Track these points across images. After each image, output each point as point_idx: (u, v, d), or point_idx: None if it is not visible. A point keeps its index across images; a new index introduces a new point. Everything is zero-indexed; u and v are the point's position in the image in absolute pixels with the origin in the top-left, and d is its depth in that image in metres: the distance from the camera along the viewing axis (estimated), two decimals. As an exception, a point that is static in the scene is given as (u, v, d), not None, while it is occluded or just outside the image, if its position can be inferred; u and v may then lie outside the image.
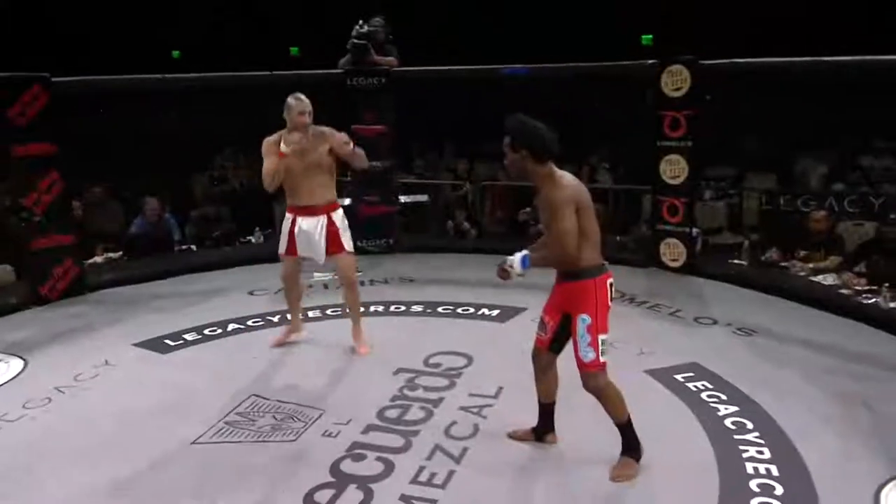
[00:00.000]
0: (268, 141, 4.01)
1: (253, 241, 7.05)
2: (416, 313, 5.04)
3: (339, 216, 4.13)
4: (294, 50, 10.38)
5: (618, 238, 6.46)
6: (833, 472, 2.98)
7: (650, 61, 5.74)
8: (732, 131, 7.39)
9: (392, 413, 3.56)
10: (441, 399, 3.70)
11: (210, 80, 6.51)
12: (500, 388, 3.78)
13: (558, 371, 3.17)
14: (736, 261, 5.87)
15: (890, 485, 2.88)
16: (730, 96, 5.91)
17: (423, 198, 7.22)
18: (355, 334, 4.30)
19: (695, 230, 5.86)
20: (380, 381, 3.90)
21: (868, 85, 4.71)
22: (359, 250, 6.57)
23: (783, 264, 5.57)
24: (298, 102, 3.95)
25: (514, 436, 3.30)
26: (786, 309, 5.00)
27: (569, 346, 3.00)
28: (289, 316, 4.49)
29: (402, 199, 7.04)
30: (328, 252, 4.08)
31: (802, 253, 5.53)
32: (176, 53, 10.93)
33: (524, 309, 4.93)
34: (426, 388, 3.82)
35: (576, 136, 7.65)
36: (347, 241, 4.16)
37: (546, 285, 3.10)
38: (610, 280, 2.91)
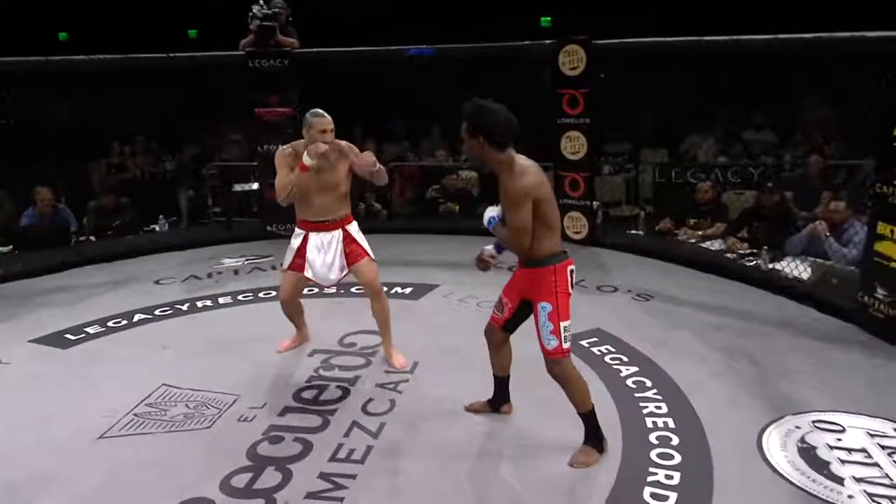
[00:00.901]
0: (283, 152, 3.66)
1: (157, 229, 6.84)
2: (331, 294, 5.04)
3: (354, 228, 3.81)
4: (192, 33, 10.00)
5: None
6: (721, 420, 3.24)
7: (548, 41, 5.93)
8: (629, 109, 7.74)
9: (308, 394, 3.59)
10: (357, 377, 3.75)
11: (100, 63, 6.20)
12: (416, 363, 3.88)
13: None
14: (633, 231, 6.20)
15: (770, 428, 3.17)
16: (625, 75, 6.18)
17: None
18: (387, 348, 3.92)
19: (595, 203, 6.14)
20: (295, 364, 3.91)
21: (746, 63, 5.08)
22: (269, 234, 6.57)
23: (675, 232, 5.93)
24: (320, 119, 3.56)
25: (470, 408, 3.37)
26: (678, 274, 5.36)
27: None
28: (293, 328, 4.12)
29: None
30: (349, 263, 3.74)
31: (692, 221, 5.91)
32: (62, 35, 10.28)
33: (437, 286, 5.04)
34: (342, 368, 3.86)
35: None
36: (368, 248, 3.82)
37: (459, 263, 3.18)
38: (571, 267, 2.86)
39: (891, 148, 3.88)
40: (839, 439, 3.07)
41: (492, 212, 2.97)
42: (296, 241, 3.77)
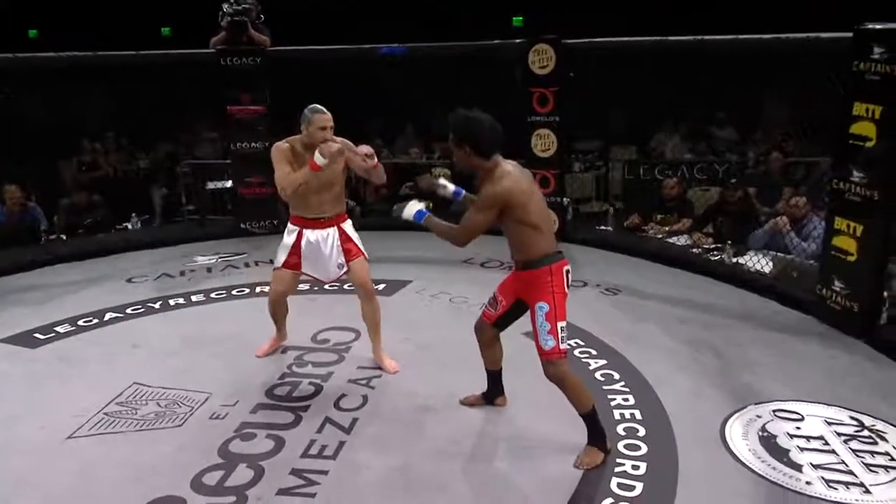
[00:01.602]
0: (280, 148, 3.57)
1: (130, 227, 6.77)
2: (303, 291, 5.03)
3: (348, 225, 3.78)
4: (166, 31, 9.90)
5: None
6: (686, 411, 3.33)
7: (518, 41, 6.00)
8: (599, 107, 7.84)
9: (281, 391, 3.61)
10: (330, 374, 3.78)
11: (70, 60, 6.13)
12: (389, 358, 3.92)
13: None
14: (603, 227, 6.29)
15: (733, 418, 3.27)
16: (596, 74, 6.27)
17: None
18: (378, 352, 3.86)
19: (565, 200, 6.22)
20: (268, 361, 3.93)
21: (711, 62, 5.20)
22: (243, 232, 6.56)
23: (643, 228, 6.04)
24: (320, 116, 3.50)
25: (465, 401, 3.43)
26: (646, 268, 5.46)
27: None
28: (274, 328, 4.05)
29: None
30: (347, 260, 3.70)
31: (659, 217, 6.03)
32: (33, 33, 10.11)
33: (409, 282, 5.08)
34: (315, 364, 3.89)
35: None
36: (362, 247, 3.78)
37: (432, 259, 3.22)
38: (566, 267, 2.88)
39: (847, 146, 4.01)
40: (798, 428, 3.19)
41: (415, 206, 3.04)
42: (289, 238, 3.70)
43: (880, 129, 3.82)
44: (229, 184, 6.79)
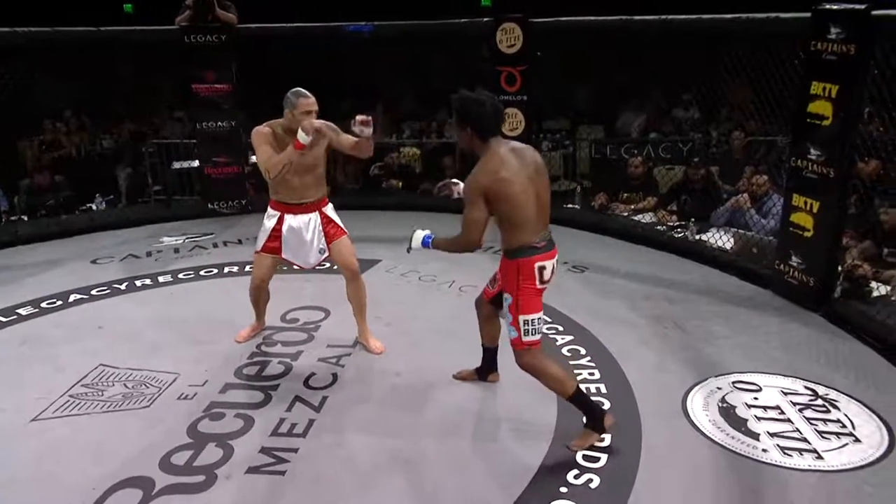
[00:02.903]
0: (261, 132, 3.48)
1: (94, 207, 6.65)
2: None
3: (330, 209, 3.71)
4: (128, 7, 9.65)
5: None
6: (649, 384, 3.42)
7: (485, 19, 5.99)
8: (567, 87, 7.89)
9: (250, 370, 3.61)
10: (300, 352, 3.80)
11: (28, 36, 5.94)
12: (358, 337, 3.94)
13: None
14: (570, 205, 6.35)
15: (694, 390, 3.37)
16: (564, 54, 6.29)
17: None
18: (363, 334, 3.85)
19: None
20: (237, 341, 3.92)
21: (675, 43, 5.26)
22: (211, 213, 6.49)
23: (609, 207, 6.12)
24: (304, 100, 3.41)
25: (458, 376, 3.48)
26: (612, 246, 5.55)
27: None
28: (253, 314, 3.97)
29: (253, 159, 6.91)
30: (328, 242, 3.66)
31: (625, 195, 6.11)
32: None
33: (379, 261, 5.10)
34: (284, 344, 3.89)
35: (425, 94, 7.86)
36: (344, 228, 3.73)
37: (401, 239, 3.22)
38: (539, 263, 2.78)
39: (805, 124, 4.10)
40: (756, 398, 3.29)
41: (420, 234, 3.00)
42: (269, 223, 3.64)
43: (836, 107, 3.91)
44: (196, 163, 6.71)
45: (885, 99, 3.85)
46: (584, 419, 2.93)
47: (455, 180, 3.18)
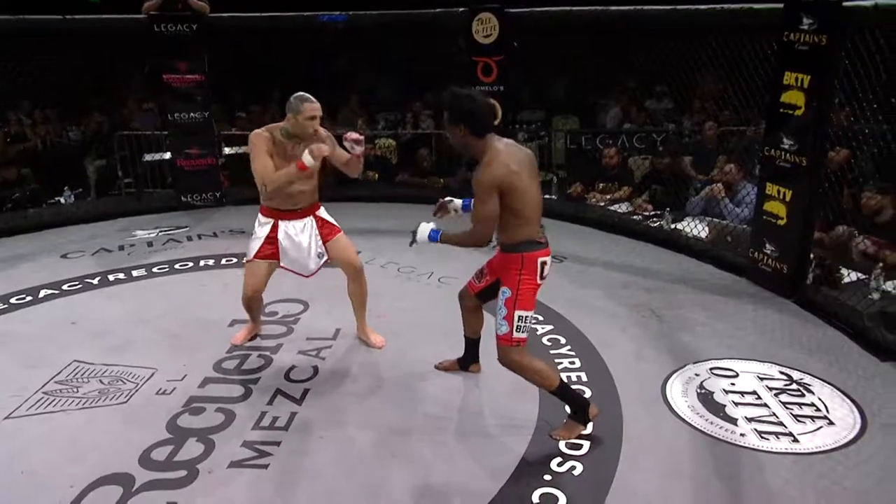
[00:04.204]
0: (260, 136, 3.34)
1: (62, 201, 6.50)
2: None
3: (323, 211, 3.62)
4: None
5: (441, 181, 6.76)
6: (629, 371, 3.47)
7: (461, 9, 5.97)
8: (542, 78, 7.90)
9: (229, 364, 3.58)
10: (279, 345, 3.77)
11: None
12: (338, 329, 3.92)
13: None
14: (547, 196, 6.36)
15: (673, 377, 3.42)
16: (540, 45, 6.30)
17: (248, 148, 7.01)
18: (363, 329, 3.80)
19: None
20: (215, 335, 3.88)
21: (649, 34, 5.30)
22: (185, 205, 6.40)
23: (585, 197, 6.16)
24: (310, 105, 3.28)
25: (440, 366, 3.48)
26: (589, 236, 5.60)
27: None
28: (248, 318, 3.87)
29: (226, 150, 6.82)
30: (325, 241, 3.56)
31: (600, 185, 6.16)
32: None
33: (358, 252, 5.03)
34: (263, 337, 3.86)
35: (400, 84, 7.80)
36: (338, 225, 3.65)
37: (379, 230, 3.22)
38: (542, 259, 2.80)
39: (778, 114, 4.17)
40: (733, 384, 3.35)
41: (426, 227, 2.94)
42: (262, 230, 3.50)
43: (808, 97, 3.98)
44: (167, 155, 6.59)
45: (856, 89, 3.91)
46: (568, 410, 2.95)
47: (449, 198, 3.15)
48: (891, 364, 3.50)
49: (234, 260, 5.07)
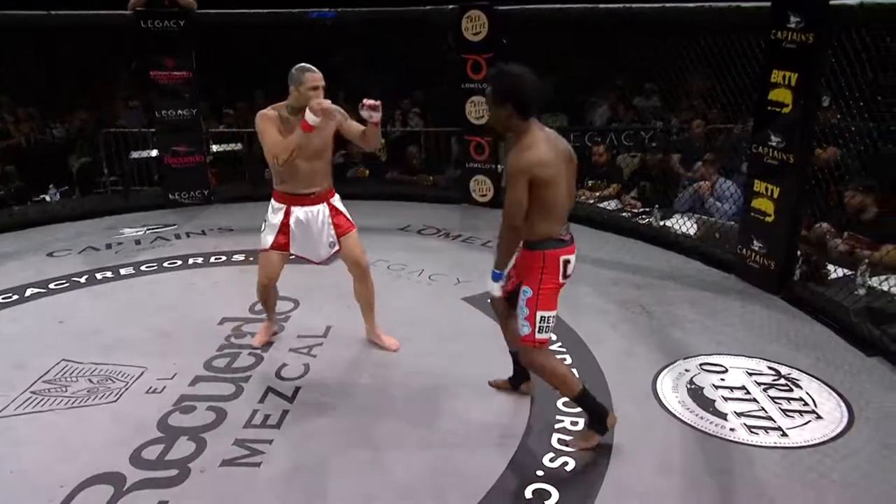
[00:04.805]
0: (266, 115, 3.28)
1: (48, 199, 6.44)
2: (238, 262, 4.97)
3: (337, 200, 3.53)
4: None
5: (430, 178, 6.76)
6: (620, 367, 3.48)
7: (450, 7, 5.96)
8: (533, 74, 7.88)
9: (220, 362, 3.56)
10: (270, 343, 3.75)
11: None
12: (328, 327, 3.91)
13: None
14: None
15: (663, 373, 3.44)
16: (529, 42, 6.31)
17: (238, 146, 6.98)
18: (373, 331, 3.73)
19: (500, 167, 6.28)
20: (205, 333, 3.85)
21: (638, 32, 5.33)
22: (172, 203, 6.36)
23: (575, 194, 6.17)
24: (311, 74, 3.22)
25: (493, 384, 3.29)
26: (578, 233, 5.35)
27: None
28: (265, 315, 3.84)
29: (214, 148, 6.78)
30: (340, 236, 3.48)
31: (589, 183, 6.18)
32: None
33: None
34: (254, 335, 3.83)
35: (389, 82, 7.78)
36: (351, 219, 3.56)
37: (369, 227, 3.20)
38: (565, 257, 2.70)
39: (765, 112, 4.20)
40: (722, 379, 3.38)
41: (489, 282, 2.81)
42: (276, 218, 3.41)
43: (796, 95, 4.02)
44: (154, 153, 6.54)
45: (843, 87, 3.95)
46: (588, 419, 2.88)
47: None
48: (877, 359, 3.54)
49: (223, 258, 5.05)
